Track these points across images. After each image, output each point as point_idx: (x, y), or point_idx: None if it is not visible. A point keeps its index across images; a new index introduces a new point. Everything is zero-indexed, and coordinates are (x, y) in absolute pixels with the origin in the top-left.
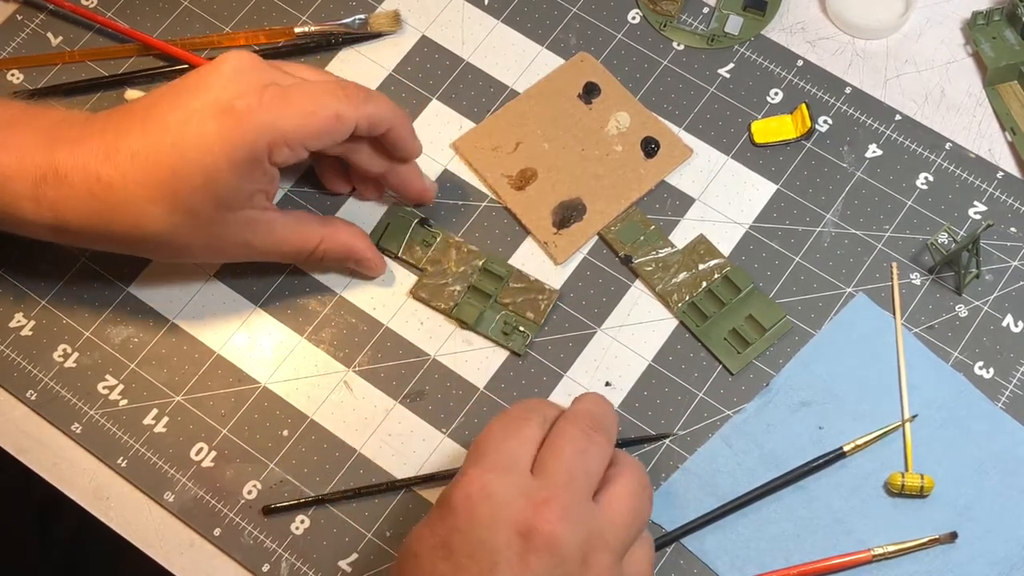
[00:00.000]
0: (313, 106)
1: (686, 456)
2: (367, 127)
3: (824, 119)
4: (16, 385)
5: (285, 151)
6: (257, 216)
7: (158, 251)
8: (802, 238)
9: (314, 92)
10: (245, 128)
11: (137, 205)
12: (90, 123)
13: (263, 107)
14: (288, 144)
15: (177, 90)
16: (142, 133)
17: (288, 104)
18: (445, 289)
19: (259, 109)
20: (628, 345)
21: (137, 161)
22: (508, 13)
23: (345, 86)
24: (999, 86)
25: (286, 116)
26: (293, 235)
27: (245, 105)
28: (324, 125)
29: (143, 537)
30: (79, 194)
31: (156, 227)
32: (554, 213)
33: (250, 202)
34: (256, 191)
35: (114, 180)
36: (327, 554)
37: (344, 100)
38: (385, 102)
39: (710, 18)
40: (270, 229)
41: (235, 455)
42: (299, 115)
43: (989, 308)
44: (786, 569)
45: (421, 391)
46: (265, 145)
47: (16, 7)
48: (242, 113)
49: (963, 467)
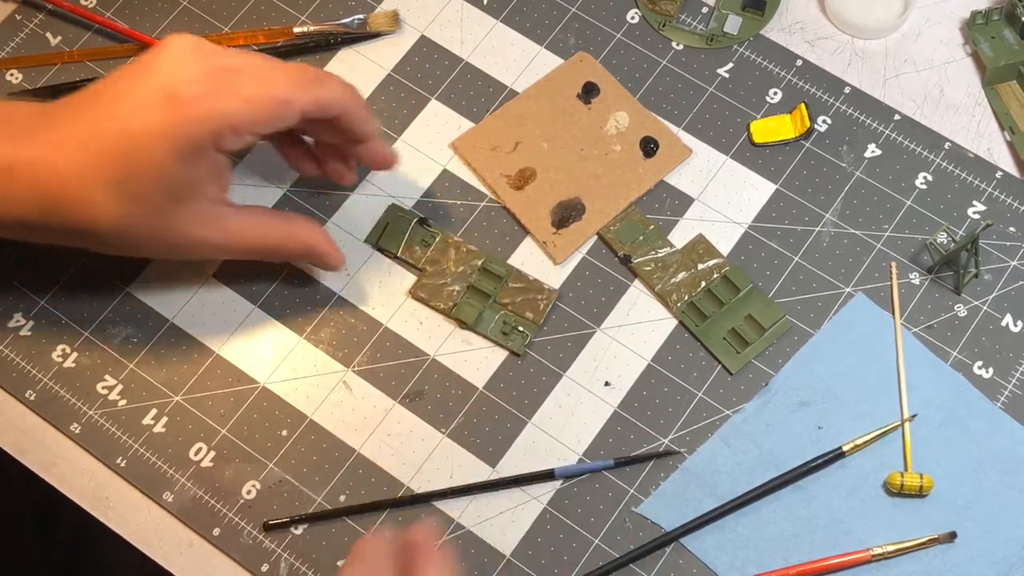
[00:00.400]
0: (259, 91)
1: (685, 456)
2: (317, 111)
3: (823, 119)
4: (15, 385)
5: (231, 138)
6: (208, 209)
7: (108, 244)
8: (801, 238)
9: (261, 76)
10: (190, 115)
11: (85, 195)
12: (41, 115)
13: (208, 93)
14: (234, 131)
15: (122, 76)
16: (90, 122)
17: (233, 89)
18: (444, 289)
19: (204, 96)
20: (627, 345)
21: (86, 152)
22: (507, 13)
23: (293, 70)
24: (998, 86)
25: (231, 102)
26: (247, 230)
27: (191, 92)
28: (271, 111)
29: (142, 537)
30: (29, 188)
31: (105, 218)
32: (553, 213)
33: (199, 192)
34: (205, 180)
35: (62, 170)
36: (326, 554)
37: (292, 84)
38: (336, 85)
39: (709, 18)
40: (223, 224)
41: (234, 455)
42: (244, 101)
43: (988, 308)
44: (785, 569)
45: (420, 391)
46: (209, 133)
47: (15, 7)
48: (187, 100)
49: (962, 467)
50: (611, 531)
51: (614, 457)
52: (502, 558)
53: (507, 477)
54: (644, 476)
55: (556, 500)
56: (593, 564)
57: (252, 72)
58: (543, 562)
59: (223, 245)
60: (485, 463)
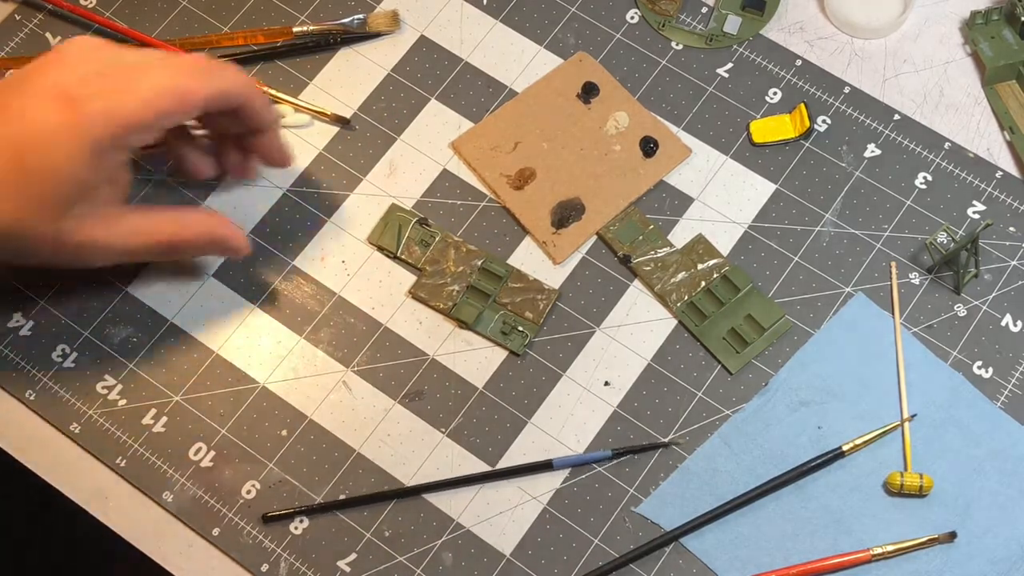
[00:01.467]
0: (157, 86)
1: (685, 456)
2: (217, 104)
3: (823, 119)
4: (15, 385)
5: (131, 136)
6: (103, 211)
7: (7, 252)
8: (801, 238)
9: (156, 72)
10: (85, 117)
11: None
12: None
13: (103, 93)
14: (131, 128)
15: (20, 77)
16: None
17: (128, 87)
18: (444, 289)
19: (99, 94)
20: (627, 345)
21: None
22: (507, 13)
23: (190, 61)
24: (998, 85)
25: (128, 99)
26: (142, 228)
27: (85, 92)
28: (168, 106)
29: (142, 537)
30: None
31: (4, 224)
32: (553, 213)
33: (95, 194)
34: (102, 181)
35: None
36: (326, 554)
37: (189, 77)
38: (233, 76)
39: (709, 18)
40: (117, 224)
41: (234, 455)
42: (141, 97)
43: (988, 308)
44: (785, 569)
45: (420, 391)
46: (109, 133)
47: (14, 7)
48: (81, 101)
49: (962, 466)
50: (611, 531)
51: (612, 449)
52: (502, 558)
53: (506, 468)
54: (644, 476)
55: (556, 500)
56: (593, 564)
57: (148, 68)
58: (543, 562)
59: (119, 247)
60: (485, 463)
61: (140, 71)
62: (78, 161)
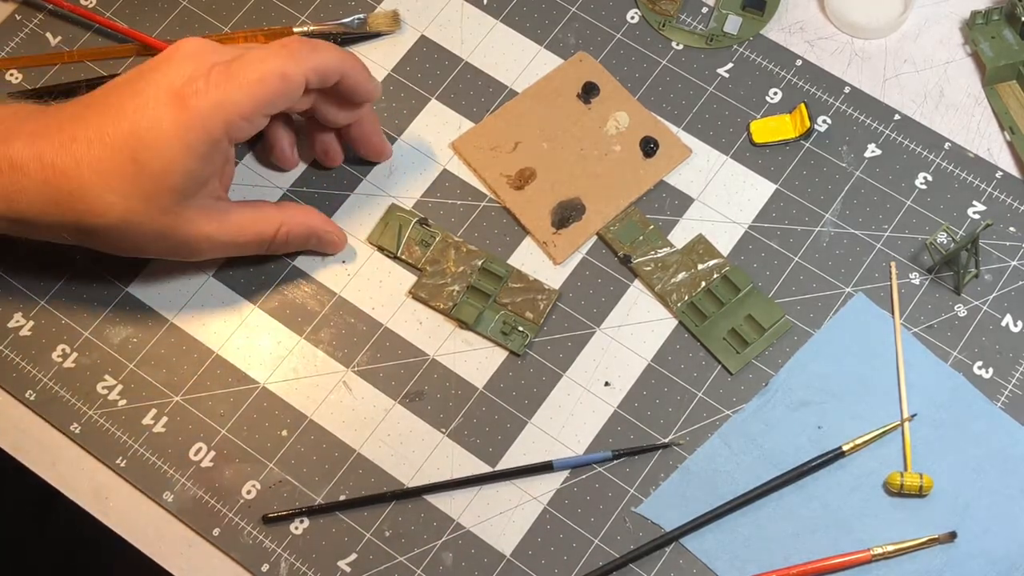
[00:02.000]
0: (258, 72)
1: (685, 456)
2: (317, 79)
3: (823, 119)
4: (15, 385)
5: (242, 124)
6: (212, 204)
7: (112, 241)
8: (801, 238)
9: (256, 59)
10: (198, 112)
11: (93, 192)
12: (45, 115)
13: (210, 87)
14: (243, 116)
15: (132, 78)
16: (98, 121)
17: (233, 77)
18: (444, 289)
19: (207, 90)
20: (627, 345)
21: (93, 148)
22: (507, 13)
23: (286, 44)
24: (998, 85)
25: (234, 89)
26: (250, 222)
27: (193, 89)
28: (273, 88)
29: (142, 537)
30: (34, 184)
31: (111, 215)
32: (553, 213)
33: (206, 188)
34: (212, 176)
35: (68, 168)
36: (326, 554)
37: (287, 58)
38: (330, 50)
39: (709, 18)
40: (226, 218)
41: (234, 455)
42: (246, 85)
43: (988, 308)
44: (785, 569)
45: (420, 391)
46: (221, 124)
47: (15, 7)
48: (192, 97)
49: (962, 466)
50: (611, 531)
51: (612, 450)
52: (502, 558)
53: (507, 469)
54: (644, 476)
55: (556, 500)
56: (593, 564)
57: (248, 57)
58: (543, 562)
59: (227, 240)
60: (485, 463)
61: (240, 62)
62: (191, 157)
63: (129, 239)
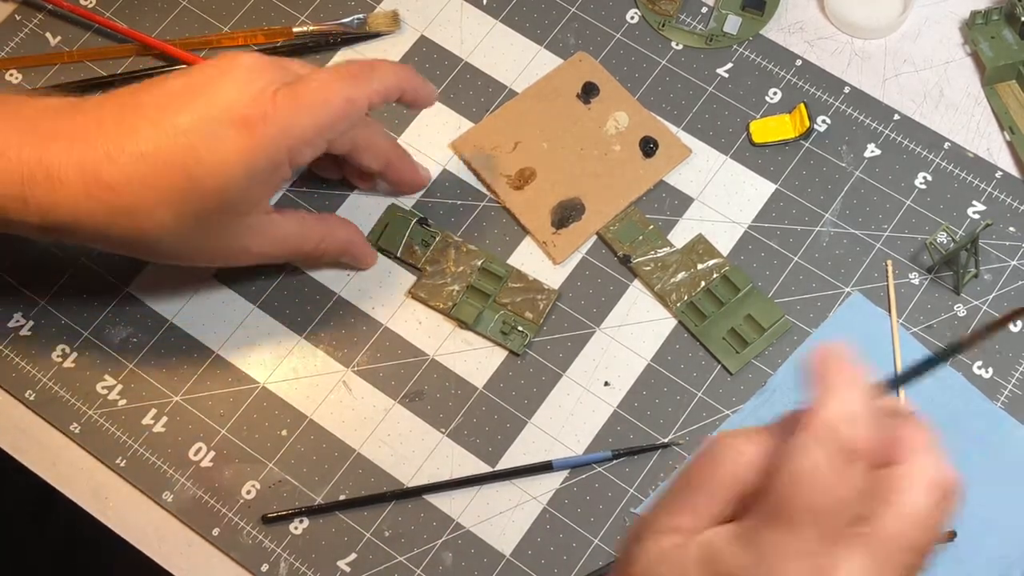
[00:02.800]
0: (323, 97)
1: (685, 456)
2: (380, 101)
3: (823, 119)
4: (15, 385)
5: (306, 150)
6: (261, 220)
7: (155, 254)
8: (801, 238)
9: (321, 83)
10: (264, 137)
11: (142, 209)
12: (81, 113)
13: (277, 112)
14: (307, 143)
15: (188, 91)
16: (152, 134)
17: (299, 102)
18: (444, 289)
19: (274, 115)
20: (627, 345)
21: (145, 163)
22: (507, 13)
23: (348, 68)
24: (998, 85)
25: (300, 115)
26: (293, 236)
27: (260, 113)
28: (338, 113)
29: (142, 537)
30: (74, 195)
31: (159, 232)
32: (553, 213)
33: (258, 207)
34: (268, 196)
35: (117, 182)
36: (326, 554)
37: (351, 82)
38: (388, 69)
39: (709, 18)
40: (271, 232)
41: (234, 455)
42: (312, 109)
43: (988, 308)
44: None
45: (420, 391)
46: (285, 150)
47: (15, 7)
48: (258, 122)
49: (961, 465)
50: (611, 531)
51: (612, 450)
52: (502, 558)
53: (506, 469)
54: (644, 476)
55: (556, 500)
56: (593, 564)
57: (312, 80)
58: (543, 562)
59: (270, 253)
60: (485, 463)
61: (304, 86)
62: (251, 180)
63: (172, 253)
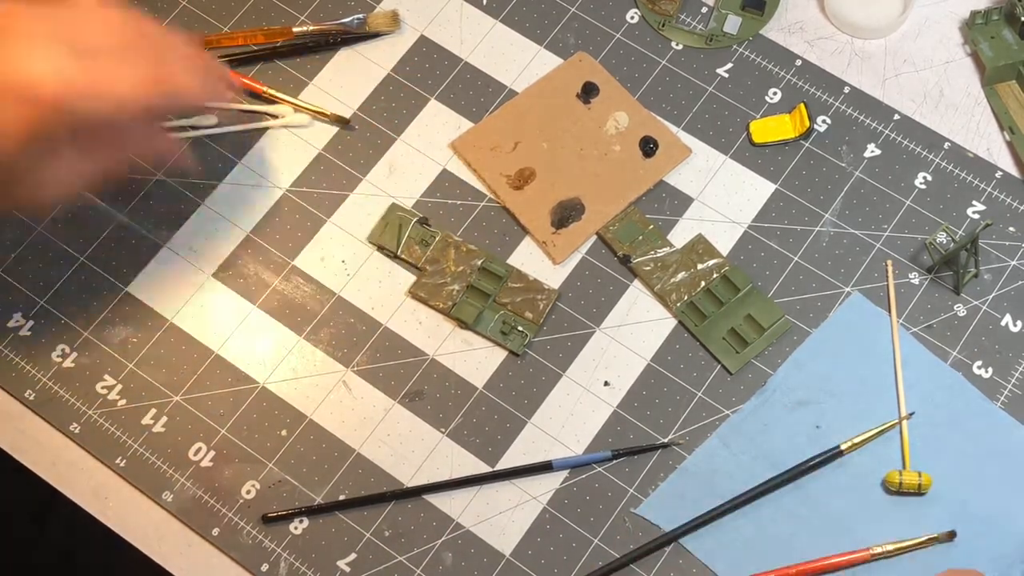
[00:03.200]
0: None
1: (684, 456)
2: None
3: (823, 119)
4: (15, 385)
5: (88, 125)
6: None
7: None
8: (801, 238)
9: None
10: (45, 113)
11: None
12: None
13: (66, 87)
14: (96, 121)
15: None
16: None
17: (97, 78)
18: (444, 289)
19: (63, 91)
20: (627, 345)
21: None
22: (507, 13)
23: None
24: (997, 85)
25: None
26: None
27: (48, 90)
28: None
29: (142, 537)
30: None
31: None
32: (553, 213)
33: (41, 164)
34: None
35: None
36: (326, 554)
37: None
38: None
39: (709, 18)
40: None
41: (234, 455)
42: (114, 100)
43: (988, 307)
44: (785, 568)
45: (420, 391)
46: (66, 128)
47: None
48: (43, 99)
49: (961, 465)
50: (611, 531)
51: (611, 450)
52: (502, 558)
53: (506, 469)
54: (644, 476)
55: (556, 500)
56: (593, 564)
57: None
58: (543, 562)
59: (65, 194)
60: (485, 463)
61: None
62: (27, 153)
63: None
